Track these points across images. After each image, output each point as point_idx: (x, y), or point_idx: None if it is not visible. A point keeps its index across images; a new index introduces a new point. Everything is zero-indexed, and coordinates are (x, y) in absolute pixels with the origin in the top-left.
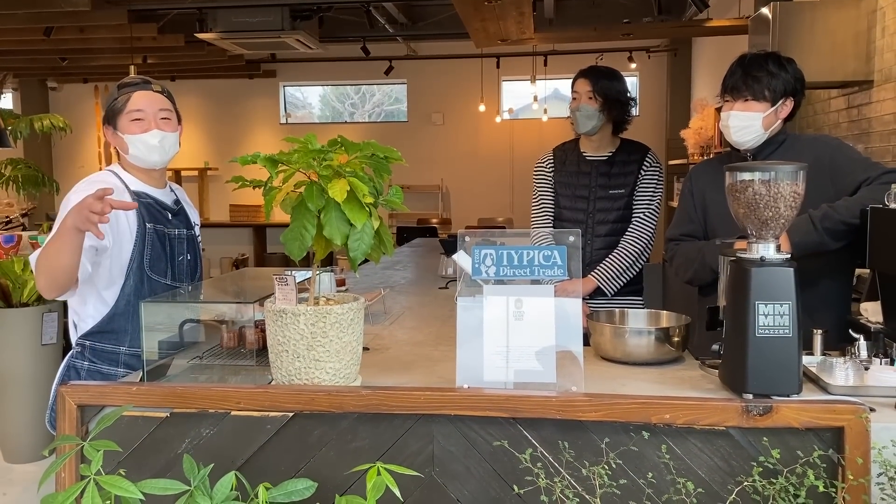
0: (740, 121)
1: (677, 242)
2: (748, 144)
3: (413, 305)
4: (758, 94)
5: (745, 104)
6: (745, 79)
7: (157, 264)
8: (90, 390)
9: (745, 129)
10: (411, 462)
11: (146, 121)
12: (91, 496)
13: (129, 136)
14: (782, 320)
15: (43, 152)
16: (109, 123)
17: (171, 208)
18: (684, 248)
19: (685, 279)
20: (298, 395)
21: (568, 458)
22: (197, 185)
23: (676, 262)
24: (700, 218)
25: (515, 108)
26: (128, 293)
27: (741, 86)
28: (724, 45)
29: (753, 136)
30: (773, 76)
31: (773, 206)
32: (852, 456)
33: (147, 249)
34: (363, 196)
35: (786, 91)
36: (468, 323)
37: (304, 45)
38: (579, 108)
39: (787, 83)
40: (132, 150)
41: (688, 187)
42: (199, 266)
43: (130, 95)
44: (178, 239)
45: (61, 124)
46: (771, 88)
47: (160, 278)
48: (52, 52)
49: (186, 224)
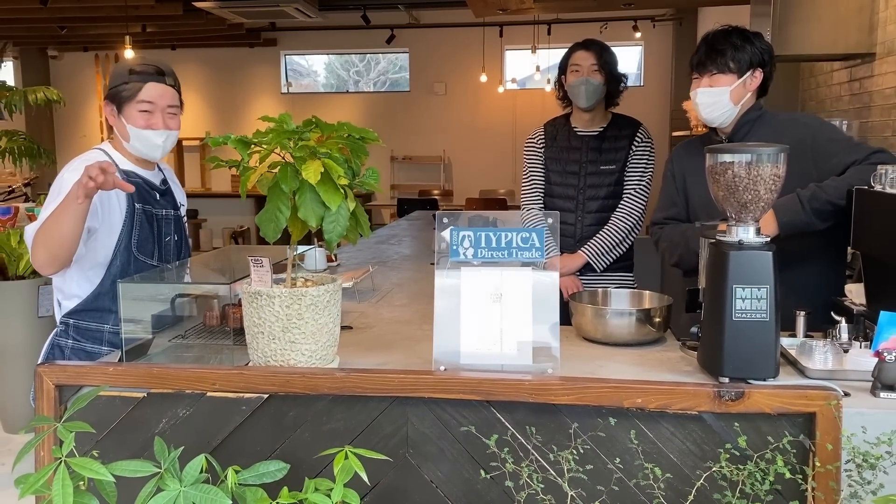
0: (708, 97)
1: (661, 226)
2: (719, 121)
3: (403, 282)
4: (722, 66)
5: (711, 79)
6: (710, 53)
7: (145, 245)
8: (68, 371)
9: (714, 104)
10: (385, 444)
11: (154, 114)
12: (62, 478)
13: (133, 127)
14: (760, 304)
15: (43, 122)
16: (113, 103)
17: (159, 188)
18: (669, 232)
19: (671, 262)
20: (273, 377)
21: (536, 442)
22: (198, 154)
23: (662, 246)
24: (682, 200)
25: (518, 78)
26: (114, 273)
27: (706, 60)
28: (731, 15)
29: (723, 110)
30: (738, 48)
31: (753, 188)
32: (823, 442)
33: (135, 230)
34: (338, 177)
35: (752, 62)
36: (446, 304)
37: (303, 13)
38: (586, 81)
39: (754, 55)
40: (134, 142)
41: (669, 169)
42: (184, 246)
43: (142, 85)
44: (166, 220)
45: (55, 97)
46: (736, 60)
47: (147, 259)
48: (51, 20)
49: (173, 204)
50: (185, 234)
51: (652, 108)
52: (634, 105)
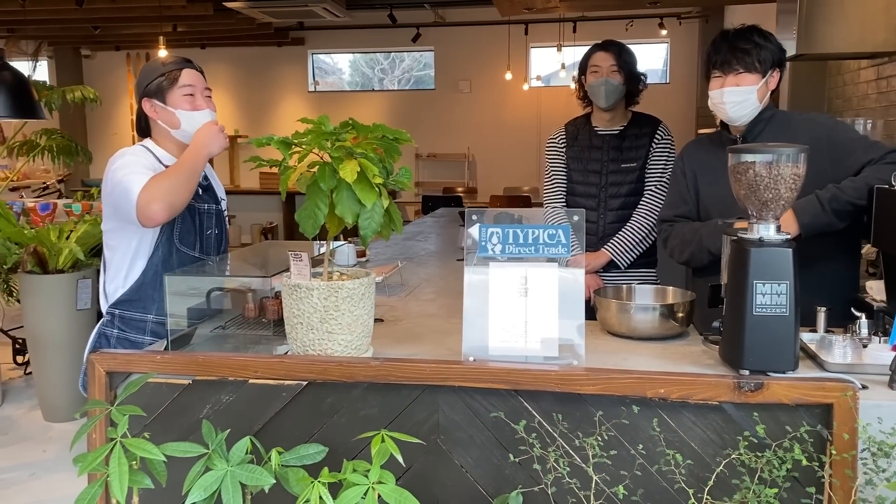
0: (736, 95)
1: (671, 224)
2: (745, 119)
3: (431, 277)
4: (749, 66)
5: (737, 77)
6: (735, 52)
7: (187, 237)
8: (118, 358)
9: (742, 103)
10: (418, 430)
11: (196, 97)
12: (118, 457)
13: (182, 111)
14: (780, 299)
15: (77, 121)
16: (155, 97)
17: (201, 184)
18: (679, 230)
19: (681, 260)
20: (312, 365)
21: (563, 429)
22: (227, 152)
23: (671, 244)
24: (693, 198)
25: (543, 75)
26: (156, 263)
27: (731, 59)
28: (758, 12)
29: (750, 109)
30: (761, 47)
31: (774, 187)
32: (839, 432)
33: (178, 222)
34: (373, 176)
35: (773, 62)
36: (475, 297)
37: (331, 13)
38: (605, 81)
39: (774, 54)
40: (185, 126)
41: (679, 167)
42: (224, 239)
43: (181, 71)
44: (207, 214)
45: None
46: (761, 59)
47: (189, 250)
48: (85, 20)
49: (214, 199)
50: (225, 228)
51: (678, 105)
52: (660, 103)
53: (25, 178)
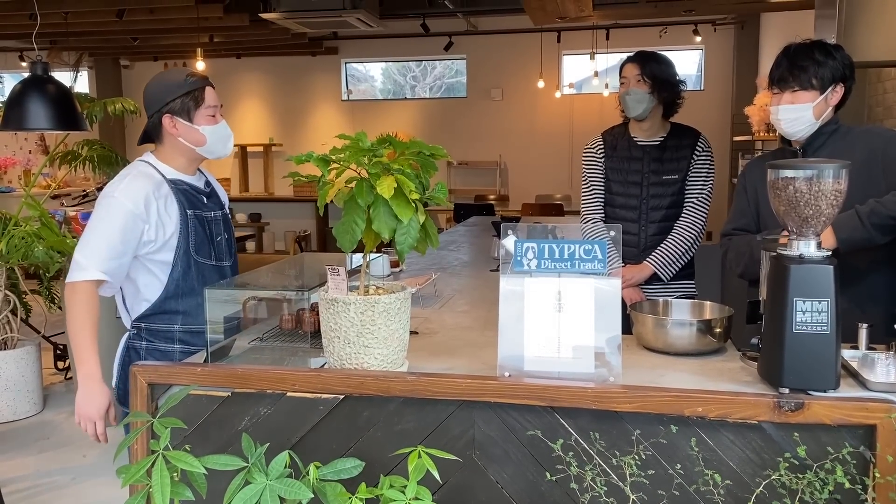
0: (790, 113)
1: (730, 237)
2: (800, 135)
3: (464, 288)
4: (805, 83)
5: (793, 95)
6: (792, 69)
7: (202, 247)
8: (159, 370)
9: (796, 120)
10: (453, 445)
11: (216, 116)
12: (160, 469)
13: (207, 127)
14: (820, 317)
15: (116, 129)
16: (178, 115)
17: (205, 191)
18: (736, 243)
19: (738, 273)
20: (348, 379)
21: (599, 447)
22: (262, 160)
23: (730, 257)
24: (753, 212)
25: (575, 82)
26: (177, 277)
27: (788, 77)
28: (795, 19)
29: (805, 125)
30: (820, 64)
31: (814, 204)
32: (883, 454)
33: (191, 235)
34: (410, 192)
35: (834, 78)
36: (510, 312)
37: (365, 23)
38: (629, 91)
39: (836, 70)
40: (212, 142)
41: (741, 183)
42: (233, 243)
43: (205, 90)
44: (215, 221)
45: (132, 108)
46: (818, 77)
47: (206, 260)
48: (124, 32)
49: (219, 205)
50: (232, 231)
51: (713, 112)
52: (695, 109)
53: (66, 186)
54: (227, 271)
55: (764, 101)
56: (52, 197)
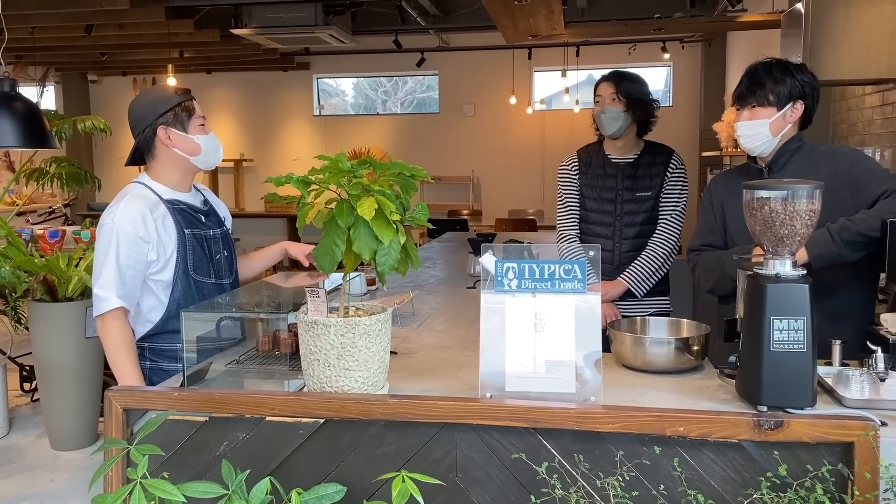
0: (748, 129)
1: (698, 252)
2: (759, 150)
3: (441, 306)
4: (762, 99)
5: (751, 111)
6: (751, 86)
7: (201, 266)
8: (135, 395)
9: (754, 136)
10: (435, 468)
11: (205, 126)
12: (137, 498)
13: (201, 136)
14: (797, 335)
15: (84, 147)
16: (172, 126)
17: (202, 210)
18: (705, 258)
19: (707, 289)
20: (329, 403)
21: (584, 469)
22: (233, 176)
23: (698, 272)
24: (720, 228)
25: (546, 97)
26: (178, 297)
27: (746, 94)
28: (761, 38)
29: (762, 141)
30: (778, 81)
31: (790, 223)
32: (861, 471)
33: (189, 255)
34: (390, 213)
35: (791, 95)
36: (491, 331)
37: (337, 39)
38: (604, 110)
39: (794, 88)
40: (205, 151)
41: (707, 198)
42: (234, 261)
43: (192, 102)
44: (214, 239)
45: (102, 126)
46: (775, 93)
47: (205, 279)
48: (93, 47)
49: (218, 222)
50: (233, 249)
51: (681, 128)
52: (664, 125)
53: (32, 202)
54: (227, 289)
55: (731, 118)
56: (17, 214)
